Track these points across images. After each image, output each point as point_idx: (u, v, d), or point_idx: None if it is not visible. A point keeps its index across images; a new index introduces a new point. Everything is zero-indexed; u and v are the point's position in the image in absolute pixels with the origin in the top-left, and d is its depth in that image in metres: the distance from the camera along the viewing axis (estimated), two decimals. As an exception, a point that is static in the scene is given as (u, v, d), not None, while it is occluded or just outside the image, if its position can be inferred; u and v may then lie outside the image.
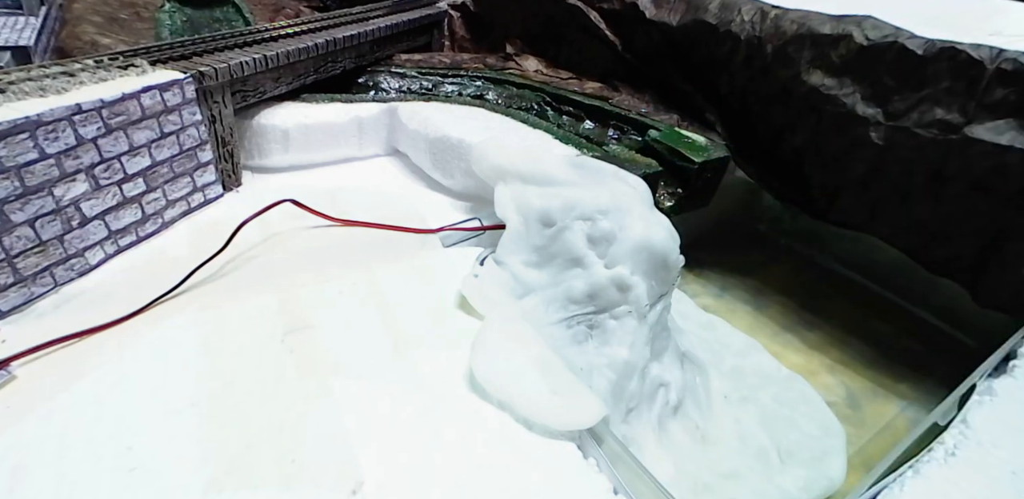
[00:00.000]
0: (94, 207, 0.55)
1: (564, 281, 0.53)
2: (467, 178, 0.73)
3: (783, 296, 0.86)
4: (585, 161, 0.63)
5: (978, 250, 0.67)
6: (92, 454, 0.38)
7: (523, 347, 0.46)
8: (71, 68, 0.57)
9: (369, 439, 0.40)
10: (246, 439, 0.40)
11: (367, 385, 0.45)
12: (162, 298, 0.52)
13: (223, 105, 0.68)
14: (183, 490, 0.36)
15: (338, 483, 0.37)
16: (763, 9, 0.79)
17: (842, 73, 0.72)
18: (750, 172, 0.87)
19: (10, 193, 0.47)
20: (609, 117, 0.86)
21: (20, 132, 0.46)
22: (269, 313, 0.52)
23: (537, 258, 0.55)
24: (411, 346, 0.49)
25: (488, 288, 0.53)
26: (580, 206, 0.54)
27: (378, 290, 0.55)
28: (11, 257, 0.48)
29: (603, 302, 0.52)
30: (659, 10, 0.91)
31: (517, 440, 0.41)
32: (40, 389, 0.43)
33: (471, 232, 0.66)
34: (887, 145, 0.69)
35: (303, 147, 0.79)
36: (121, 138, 0.55)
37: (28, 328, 0.48)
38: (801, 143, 0.77)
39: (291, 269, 0.58)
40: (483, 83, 0.96)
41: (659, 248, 0.55)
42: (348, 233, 0.64)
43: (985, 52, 0.62)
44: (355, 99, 0.86)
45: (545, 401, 0.43)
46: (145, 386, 0.44)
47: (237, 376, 0.45)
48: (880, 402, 0.69)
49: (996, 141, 0.61)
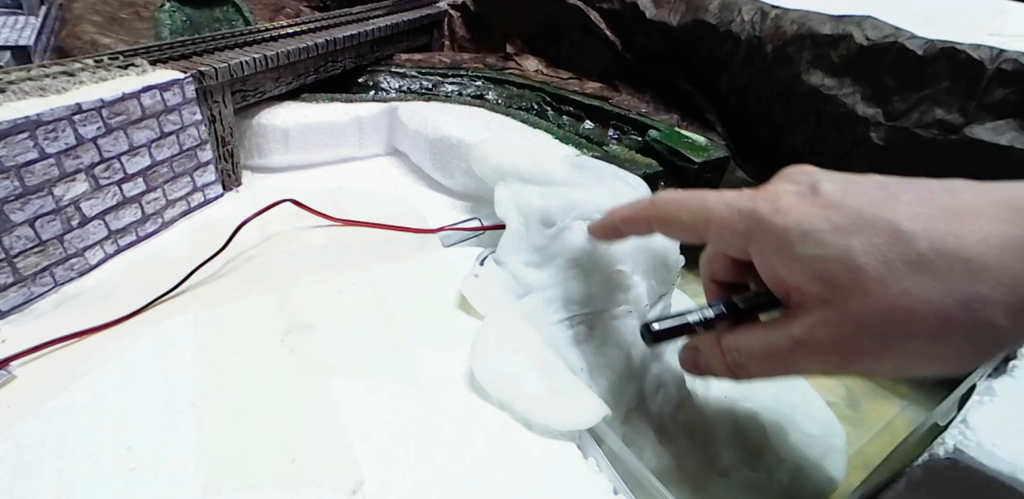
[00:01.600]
0: (94, 207, 0.55)
1: (564, 281, 0.53)
2: (467, 178, 0.73)
3: (783, 296, 0.86)
4: (585, 161, 0.63)
5: (978, 250, 0.67)
6: (92, 454, 0.38)
7: (523, 347, 0.46)
8: (71, 68, 0.57)
9: (369, 439, 0.40)
10: (246, 439, 0.40)
11: (367, 385, 0.45)
12: (162, 298, 0.52)
13: (223, 105, 0.68)
14: (183, 490, 0.36)
15: (338, 483, 0.37)
16: (763, 9, 0.79)
17: (842, 73, 0.72)
18: (750, 172, 0.87)
19: (10, 193, 0.47)
20: (609, 117, 0.86)
21: (20, 132, 0.46)
22: (269, 313, 0.52)
23: (537, 258, 0.55)
24: (411, 346, 0.49)
25: (488, 288, 0.53)
26: (580, 206, 0.54)
27: (378, 290, 0.55)
28: (11, 257, 0.48)
29: (603, 302, 0.52)
30: (659, 10, 0.91)
31: (517, 440, 0.41)
32: (40, 389, 0.43)
33: (471, 232, 0.66)
34: (887, 145, 0.69)
35: (303, 147, 0.79)
36: (121, 138, 0.55)
37: (28, 328, 0.48)
38: (801, 143, 0.77)
39: (291, 269, 0.58)
40: (483, 83, 0.96)
41: (659, 248, 0.55)
42: (348, 233, 0.64)
43: (985, 52, 0.62)
44: (355, 99, 0.86)
45: (545, 401, 0.43)
46: (145, 386, 0.44)
47: (237, 376, 0.45)
48: (880, 402, 0.69)
49: (996, 141, 0.61)
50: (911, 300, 0.30)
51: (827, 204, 0.34)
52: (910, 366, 0.33)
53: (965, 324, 0.30)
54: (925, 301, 0.30)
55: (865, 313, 0.32)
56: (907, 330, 0.31)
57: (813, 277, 0.33)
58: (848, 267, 0.32)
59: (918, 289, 0.30)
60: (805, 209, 0.34)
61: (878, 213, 0.32)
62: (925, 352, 0.31)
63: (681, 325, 0.41)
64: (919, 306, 0.30)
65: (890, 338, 0.32)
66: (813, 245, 0.33)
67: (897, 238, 0.31)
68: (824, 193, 0.34)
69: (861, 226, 0.32)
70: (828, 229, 0.33)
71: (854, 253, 0.32)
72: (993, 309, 0.29)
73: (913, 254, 0.30)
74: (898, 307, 0.31)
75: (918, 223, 0.31)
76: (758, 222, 0.36)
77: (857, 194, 0.34)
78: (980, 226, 0.30)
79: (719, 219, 0.38)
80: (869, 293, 0.31)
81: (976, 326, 0.30)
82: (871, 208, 0.32)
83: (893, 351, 0.32)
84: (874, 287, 0.31)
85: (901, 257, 0.31)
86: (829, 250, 0.33)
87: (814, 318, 0.34)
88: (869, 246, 0.31)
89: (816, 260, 0.33)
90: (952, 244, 0.30)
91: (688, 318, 0.41)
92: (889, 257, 0.31)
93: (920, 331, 0.31)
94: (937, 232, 0.30)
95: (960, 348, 0.31)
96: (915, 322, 0.30)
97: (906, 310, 0.30)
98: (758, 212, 0.36)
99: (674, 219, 0.42)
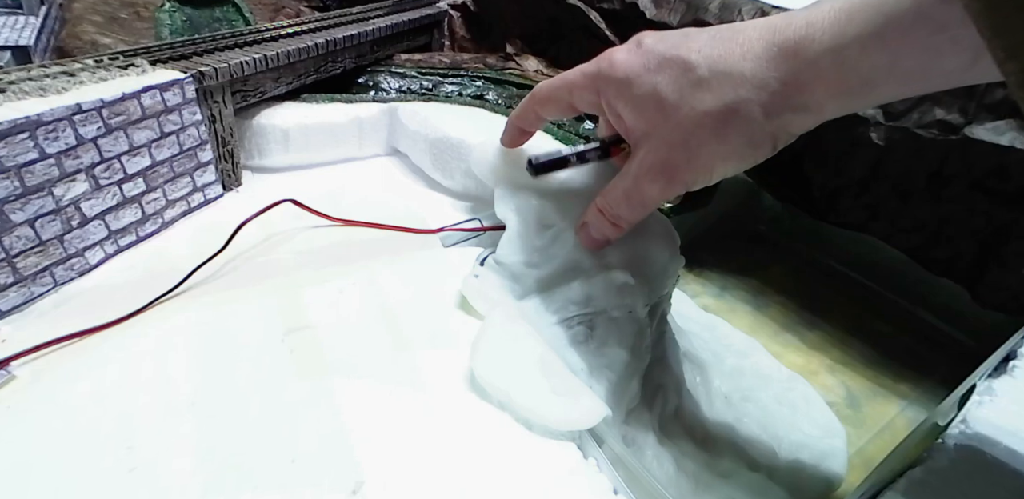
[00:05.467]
0: (94, 207, 0.54)
1: (564, 281, 0.53)
2: (467, 178, 0.73)
3: (783, 296, 0.86)
4: (585, 161, 0.62)
5: (978, 250, 0.67)
6: (92, 454, 0.38)
7: (523, 347, 0.46)
8: (71, 68, 0.57)
9: (369, 439, 0.40)
10: (246, 439, 0.40)
11: (367, 385, 0.45)
12: (162, 298, 0.52)
13: (223, 105, 0.68)
14: (183, 490, 0.36)
15: (338, 483, 0.37)
16: (763, 9, 0.79)
17: (842, 73, 0.72)
18: (750, 172, 0.87)
19: (10, 193, 0.47)
20: (609, 117, 0.86)
21: (20, 132, 0.46)
22: (269, 313, 0.52)
23: (537, 258, 0.55)
24: (411, 346, 0.49)
25: (488, 288, 0.53)
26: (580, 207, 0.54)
27: (378, 290, 0.55)
28: (11, 257, 0.48)
29: (603, 303, 0.52)
30: (659, 10, 0.91)
31: (517, 440, 0.41)
32: (40, 389, 0.43)
33: (471, 232, 0.66)
34: (887, 145, 0.69)
35: (303, 147, 0.79)
36: (121, 138, 0.55)
37: (28, 328, 0.48)
38: (801, 143, 0.77)
39: (291, 269, 0.58)
40: (483, 83, 0.96)
41: (659, 248, 0.55)
42: (348, 233, 0.64)
43: (985, 52, 0.61)
44: (355, 99, 0.86)
45: (545, 401, 0.43)
46: (145, 386, 0.44)
47: (237, 376, 0.45)
48: (880, 402, 0.69)
49: (996, 141, 0.61)
50: (696, 113, 0.38)
51: (644, 52, 0.41)
52: (715, 167, 0.41)
53: (734, 122, 0.38)
54: (705, 112, 0.38)
55: (670, 133, 0.40)
56: (699, 137, 0.39)
57: (639, 114, 0.41)
58: (656, 100, 0.39)
59: (700, 103, 0.38)
60: (630, 60, 0.41)
61: (674, 51, 0.39)
62: (717, 152, 0.39)
63: (559, 158, 0.50)
64: (702, 117, 0.38)
65: (690, 148, 0.39)
66: (635, 87, 0.40)
67: (685, 68, 0.38)
68: (644, 44, 0.41)
69: (662, 64, 0.39)
70: (643, 72, 0.40)
71: (659, 87, 0.39)
72: (750, 106, 0.37)
73: (695, 77, 0.38)
74: (689, 121, 0.38)
75: (701, 54, 0.38)
76: (602, 78, 0.43)
77: (664, 41, 0.40)
78: (743, 46, 0.37)
79: (576, 85, 0.46)
80: (670, 117, 0.39)
81: (743, 122, 0.37)
82: (671, 50, 0.39)
83: (697, 158, 0.40)
84: (673, 111, 0.39)
85: (688, 82, 0.38)
86: (644, 89, 0.40)
87: (642, 150, 0.42)
88: (667, 79, 0.39)
89: (637, 99, 0.41)
90: (722, 64, 0.37)
91: (563, 151, 0.50)
92: (680, 84, 0.38)
93: (707, 137, 0.38)
94: (712, 57, 0.38)
95: (738, 143, 0.39)
96: (702, 130, 0.38)
97: (695, 121, 0.38)
98: (600, 70, 0.43)
99: (547, 99, 0.51)
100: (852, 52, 0.34)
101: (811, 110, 0.37)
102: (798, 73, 0.36)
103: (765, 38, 0.36)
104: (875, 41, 0.33)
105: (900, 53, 0.33)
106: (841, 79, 0.35)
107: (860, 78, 0.35)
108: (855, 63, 0.34)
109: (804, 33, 0.35)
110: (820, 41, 0.35)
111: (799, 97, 0.36)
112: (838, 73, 0.35)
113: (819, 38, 0.35)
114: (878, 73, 0.34)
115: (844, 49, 0.34)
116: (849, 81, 0.35)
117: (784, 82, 0.36)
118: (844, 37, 0.34)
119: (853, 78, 0.35)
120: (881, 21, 0.33)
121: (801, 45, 0.35)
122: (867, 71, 0.34)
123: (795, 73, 0.36)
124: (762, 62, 0.36)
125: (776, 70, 0.36)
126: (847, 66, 0.34)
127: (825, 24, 0.35)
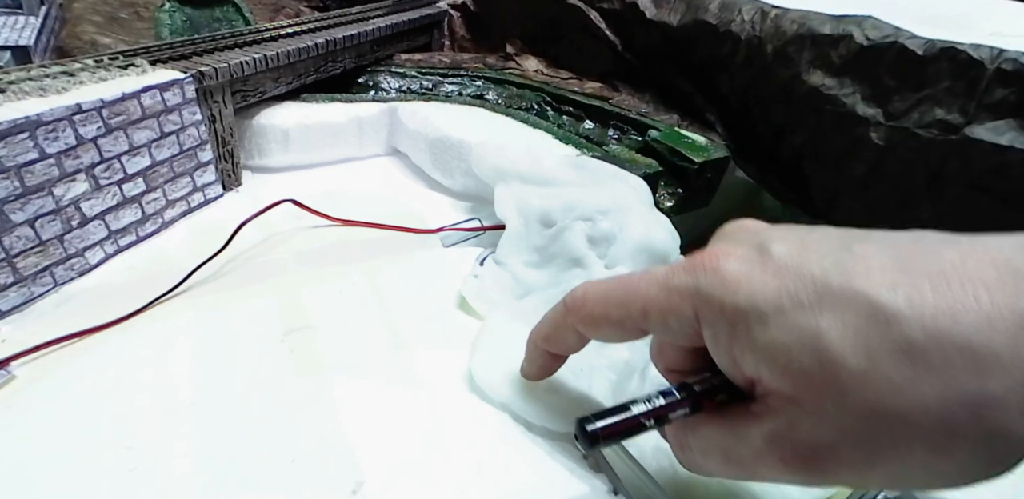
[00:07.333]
0: (94, 207, 0.55)
1: (564, 281, 0.53)
2: (467, 178, 0.73)
3: (783, 296, 0.85)
4: (585, 161, 0.63)
5: (978, 250, 0.67)
6: (92, 454, 0.38)
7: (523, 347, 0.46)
8: (71, 68, 0.57)
9: (369, 439, 0.40)
10: (246, 439, 0.40)
11: (367, 385, 0.45)
12: (162, 298, 0.52)
13: (223, 105, 0.68)
14: (183, 490, 0.36)
15: (338, 483, 0.37)
16: (763, 9, 0.79)
17: (842, 73, 0.72)
18: (750, 172, 0.87)
19: (10, 193, 0.47)
20: (609, 117, 0.86)
21: (20, 132, 0.46)
22: (269, 313, 0.52)
23: (537, 258, 0.55)
24: (411, 346, 0.49)
25: (488, 288, 0.53)
26: (580, 206, 0.54)
27: (378, 290, 0.55)
28: (11, 257, 0.49)
29: (603, 302, 0.52)
30: (659, 10, 0.91)
31: (517, 440, 0.41)
32: (40, 389, 0.43)
33: (471, 232, 0.66)
34: (887, 145, 0.69)
35: (303, 147, 0.79)
36: (121, 138, 0.55)
37: (28, 328, 0.48)
38: (801, 143, 0.77)
39: (291, 269, 0.58)
40: (483, 83, 0.96)
41: (659, 248, 0.55)
42: (348, 233, 0.64)
43: (985, 52, 0.62)
44: (355, 99, 0.86)
45: (545, 401, 0.43)
46: (145, 386, 0.44)
47: (237, 376, 0.45)
48: (880, 402, 0.69)
49: (996, 141, 0.61)
50: (903, 402, 0.24)
51: (782, 271, 0.27)
52: (904, 479, 0.26)
53: (973, 432, 0.23)
54: (921, 404, 0.23)
55: (844, 418, 0.25)
56: (899, 439, 0.24)
57: (777, 369, 0.26)
58: (819, 358, 0.25)
59: (911, 387, 0.23)
60: (757, 279, 0.27)
61: (849, 283, 0.25)
62: (923, 464, 0.25)
63: (629, 420, 0.31)
64: (914, 410, 0.23)
65: (878, 448, 0.25)
66: (774, 328, 0.26)
67: (877, 317, 0.24)
68: (776, 256, 0.27)
69: (830, 301, 0.25)
70: (789, 307, 0.26)
71: (825, 339, 0.25)
72: (1008, 413, 0.22)
73: (901, 340, 0.23)
74: (887, 411, 0.24)
75: (900, 295, 0.24)
76: (704, 302, 0.28)
77: (817, 256, 0.27)
78: (979, 300, 0.23)
79: (657, 306, 0.31)
80: (848, 392, 0.24)
81: (987, 435, 0.23)
82: (838, 276, 0.25)
83: (882, 463, 0.25)
84: (854, 384, 0.24)
85: (886, 344, 0.24)
86: (793, 335, 0.26)
87: (780, 421, 0.27)
88: (843, 329, 0.25)
89: (779, 348, 0.26)
90: (947, 326, 0.23)
91: (633, 409, 0.31)
92: (870, 344, 0.24)
93: (916, 441, 0.24)
94: (926, 309, 0.23)
95: (967, 460, 0.24)
96: (909, 430, 0.24)
97: (897, 415, 0.24)
98: (701, 289, 0.29)
99: (602, 319, 0.34)
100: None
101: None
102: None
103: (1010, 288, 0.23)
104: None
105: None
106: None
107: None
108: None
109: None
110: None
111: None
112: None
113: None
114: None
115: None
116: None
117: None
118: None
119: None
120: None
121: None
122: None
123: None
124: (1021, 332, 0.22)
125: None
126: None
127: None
